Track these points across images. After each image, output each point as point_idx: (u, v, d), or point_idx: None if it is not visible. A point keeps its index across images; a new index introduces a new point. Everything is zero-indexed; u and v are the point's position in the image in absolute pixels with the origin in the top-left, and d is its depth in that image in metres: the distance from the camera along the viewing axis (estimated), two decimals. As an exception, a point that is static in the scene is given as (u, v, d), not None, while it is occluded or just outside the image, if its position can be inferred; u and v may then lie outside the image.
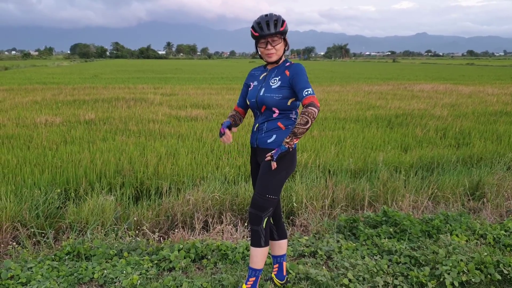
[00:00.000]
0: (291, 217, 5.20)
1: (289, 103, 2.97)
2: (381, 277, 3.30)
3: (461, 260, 3.43)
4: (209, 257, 3.75)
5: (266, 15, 2.96)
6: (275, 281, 3.34)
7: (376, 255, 3.79)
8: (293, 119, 3.04)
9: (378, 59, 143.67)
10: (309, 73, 43.47)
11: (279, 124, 2.99)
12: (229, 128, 3.13)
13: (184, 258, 3.72)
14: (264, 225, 2.98)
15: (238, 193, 5.54)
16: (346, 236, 4.29)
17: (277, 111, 2.98)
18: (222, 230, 4.71)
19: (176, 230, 4.61)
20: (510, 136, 8.84)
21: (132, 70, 48.39)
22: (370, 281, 3.30)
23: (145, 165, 6.75)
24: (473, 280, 3.28)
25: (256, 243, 3.01)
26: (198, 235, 4.63)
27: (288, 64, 3.03)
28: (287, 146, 2.82)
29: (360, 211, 5.31)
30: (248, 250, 3.86)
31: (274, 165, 2.86)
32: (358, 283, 3.27)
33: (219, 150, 7.98)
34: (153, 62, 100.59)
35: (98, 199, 5.16)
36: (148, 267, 3.51)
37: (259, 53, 3.04)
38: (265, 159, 2.91)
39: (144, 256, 3.78)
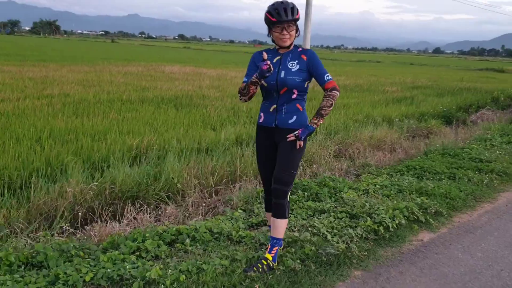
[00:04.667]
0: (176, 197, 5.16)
1: (305, 85, 3.32)
2: (348, 230, 3.89)
3: (384, 209, 4.37)
4: (187, 240, 3.54)
5: (282, 2, 3.16)
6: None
7: (314, 215, 4.35)
8: (305, 100, 3.40)
9: (94, 39, 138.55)
10: (22, 50, 38.93)
11: (298, 105, 3.30)
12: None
13: (158, 246, 3.40)
14: (288, 198, 3.26)
15: (115, 181, 5.11)
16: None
17: (296, 93, 3.26)
18: (134, 218, 4.37)
19: (94, 224, 4.01)
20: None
21: None
22: (342, 235, 3.85)
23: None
24: (402, 222, 4.27)
25: (281, 215, 3.26)
26: (107, 226, 4.16)
27: (300, 49, 3.32)
28: (314, 127, 3.14)
29: (235, 184, 5.70)
30: (212, 230, 3.82)
31: (300, 143, 3.17)
32: (338, 237, 3.77)
33: (49, 139, 6.72)
34: None
35: None
36: (133, 260, 3.10)
37: (272, 37, 3.24)
38: (288, 139, 3.11)
39: (112, 251, 3.25)
